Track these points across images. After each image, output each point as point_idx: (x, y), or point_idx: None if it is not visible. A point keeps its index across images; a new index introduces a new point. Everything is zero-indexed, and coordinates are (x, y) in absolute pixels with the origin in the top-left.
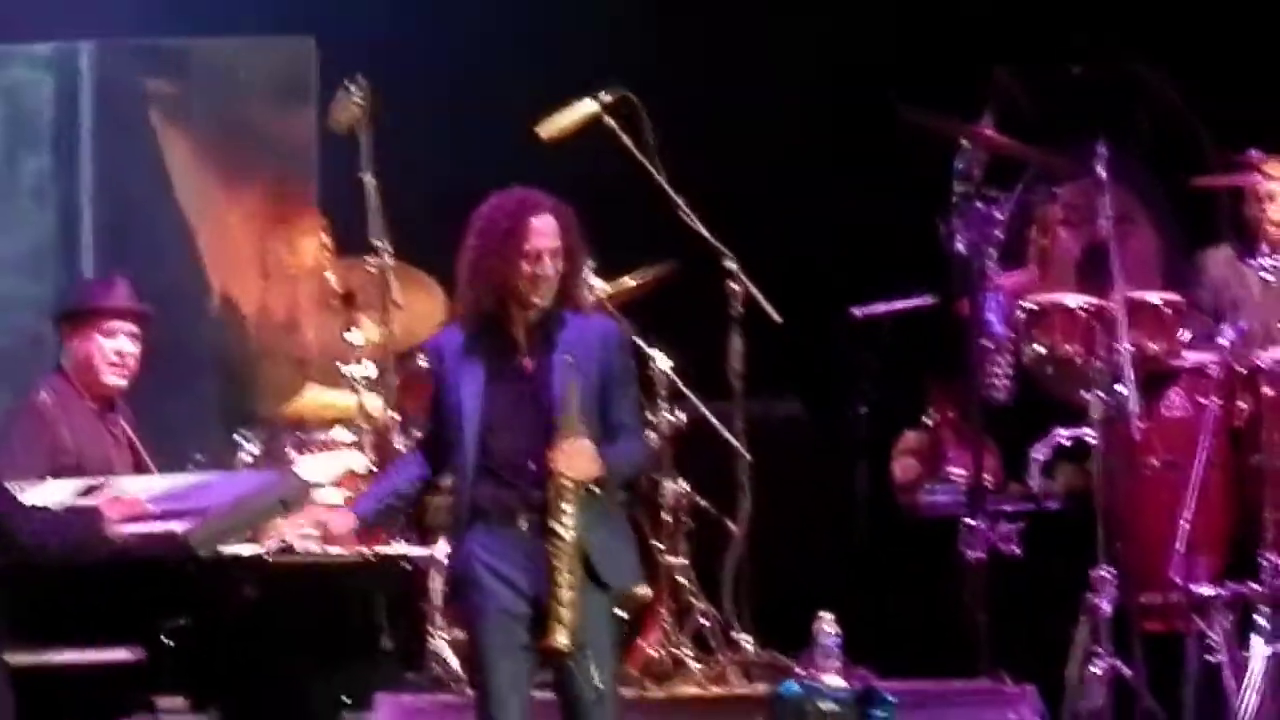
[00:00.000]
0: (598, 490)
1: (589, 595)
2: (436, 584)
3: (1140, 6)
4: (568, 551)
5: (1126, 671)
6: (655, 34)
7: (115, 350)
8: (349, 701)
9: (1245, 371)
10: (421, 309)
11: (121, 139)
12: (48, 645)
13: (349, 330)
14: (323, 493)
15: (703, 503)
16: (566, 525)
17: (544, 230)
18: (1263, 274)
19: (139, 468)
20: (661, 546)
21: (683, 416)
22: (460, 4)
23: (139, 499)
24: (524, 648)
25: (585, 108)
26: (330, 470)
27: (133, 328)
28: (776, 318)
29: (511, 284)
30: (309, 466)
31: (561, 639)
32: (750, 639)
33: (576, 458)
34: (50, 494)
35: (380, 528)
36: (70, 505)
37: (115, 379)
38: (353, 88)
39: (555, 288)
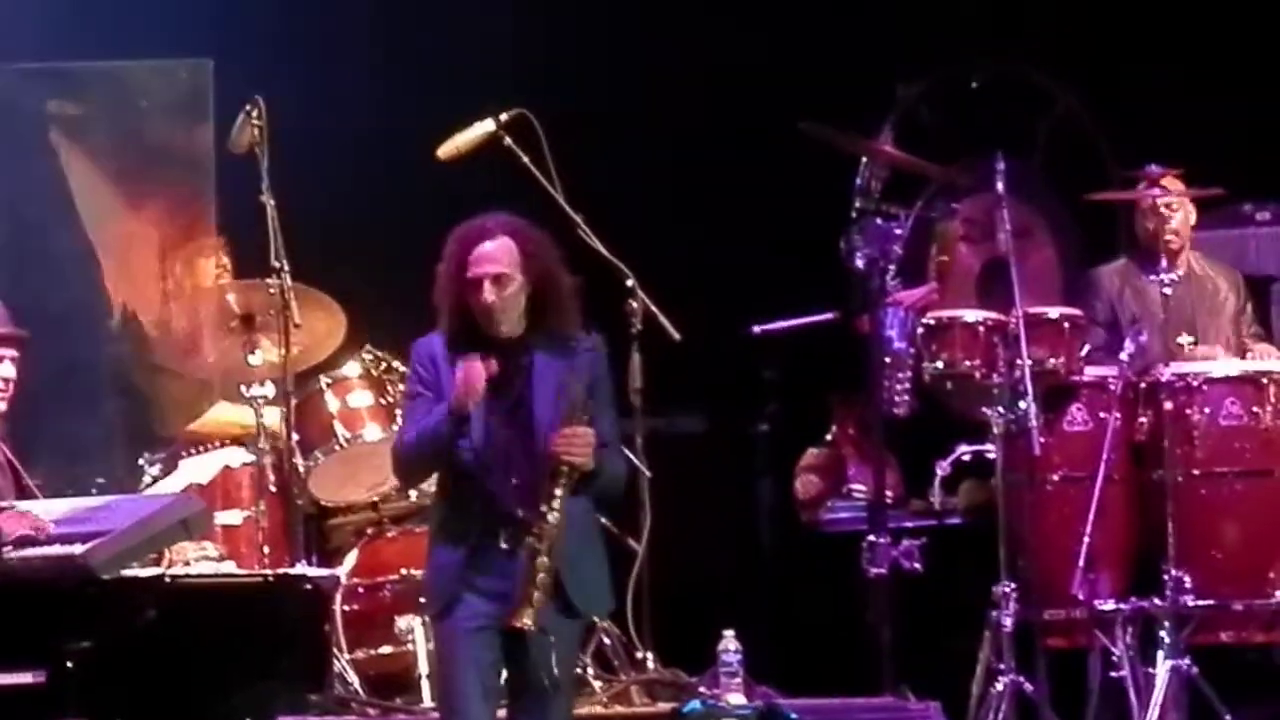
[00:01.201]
0: (581, 480)
1: (560, 619)
2: (339, 605)
3: (1039, 20)
4: (550, 534)
5: (1029, 687)
6: (552, 51)
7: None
8: None
9: (1146, 386)
10: (321, 329)
11: (21, 160)
12: None
13: (249, 351)
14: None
15: (603, 520)
16: (554, 508)
17: (486, 257)
18: (1163, 289)
19: (22, 492)
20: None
21: None
22: (357, 26)
23: (36, 515)
24: (495, 664)
25: (483, 127)
26: (209, 468)
27: (13, 352)
28: (676, 335)
29: (461, 312)
30: (189, 467)
31: (528, 619)
32: (653, 657)
33: (577, 442)
34: None
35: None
36: None
37: None
38: (251, 110)
39: (516, 312)
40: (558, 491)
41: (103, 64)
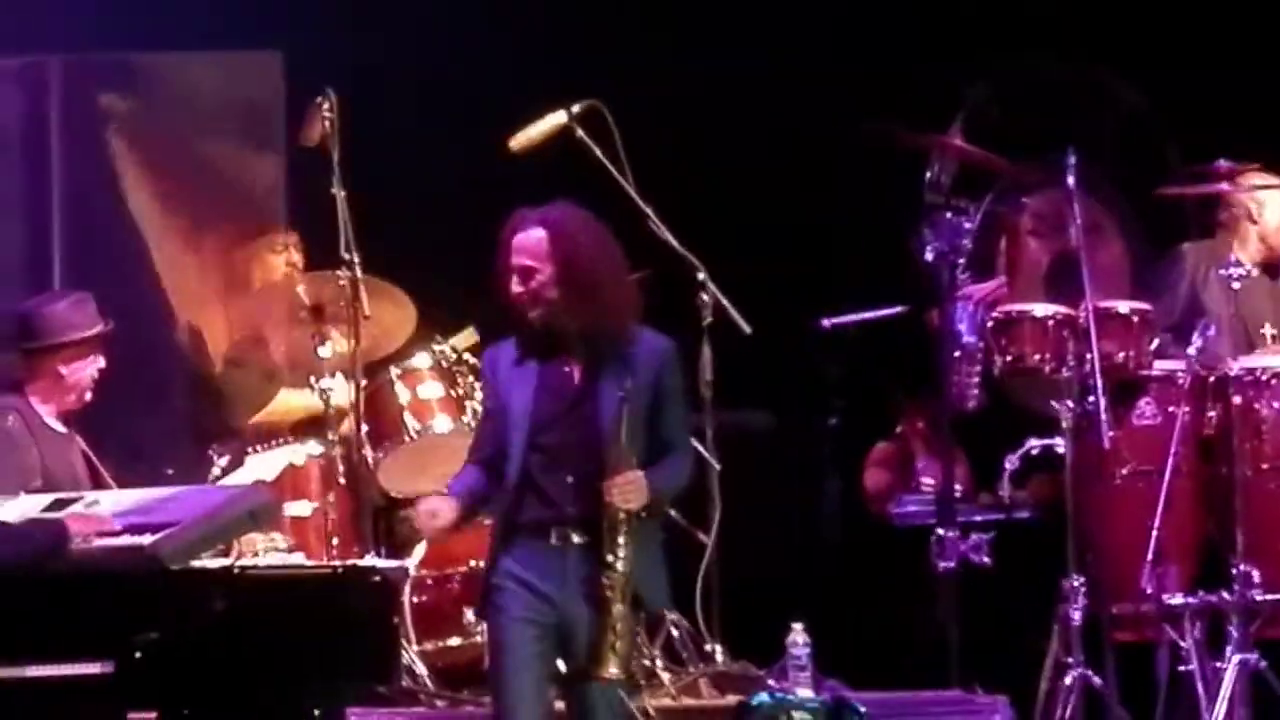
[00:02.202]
0: (644, 516)
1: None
2: (408, 597)
3: (1108, 16)
4: (620, 583)
5: (1097, 681)
6: (623, 43)
7: (98, 371)
8: (319, 715)
9: (1214, 380)
10: (390, 321)
11: (90, 154)
12: (17, 659)
13: (319, 343)
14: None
15: (673, 513)
16: (620, 556)
17: (521, 247)
18: (1233, 283)
19: (98, 485)
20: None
21: None
22: (429, 17)
23: (105, 515)
24: (545, 659)
25: (555, 119)
26: (274, 465)
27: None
28: (746, 328)
29: (509, 302)
30: (254, 463)
31: (614, 669)
32: (722, 650)
33: (630, 489)
34: (17, 509)
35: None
36: (33, 518)
37: (87, 398)
38: (322, 102)
39: (550, 305)
40: (620, 540)
41: (170, 55)
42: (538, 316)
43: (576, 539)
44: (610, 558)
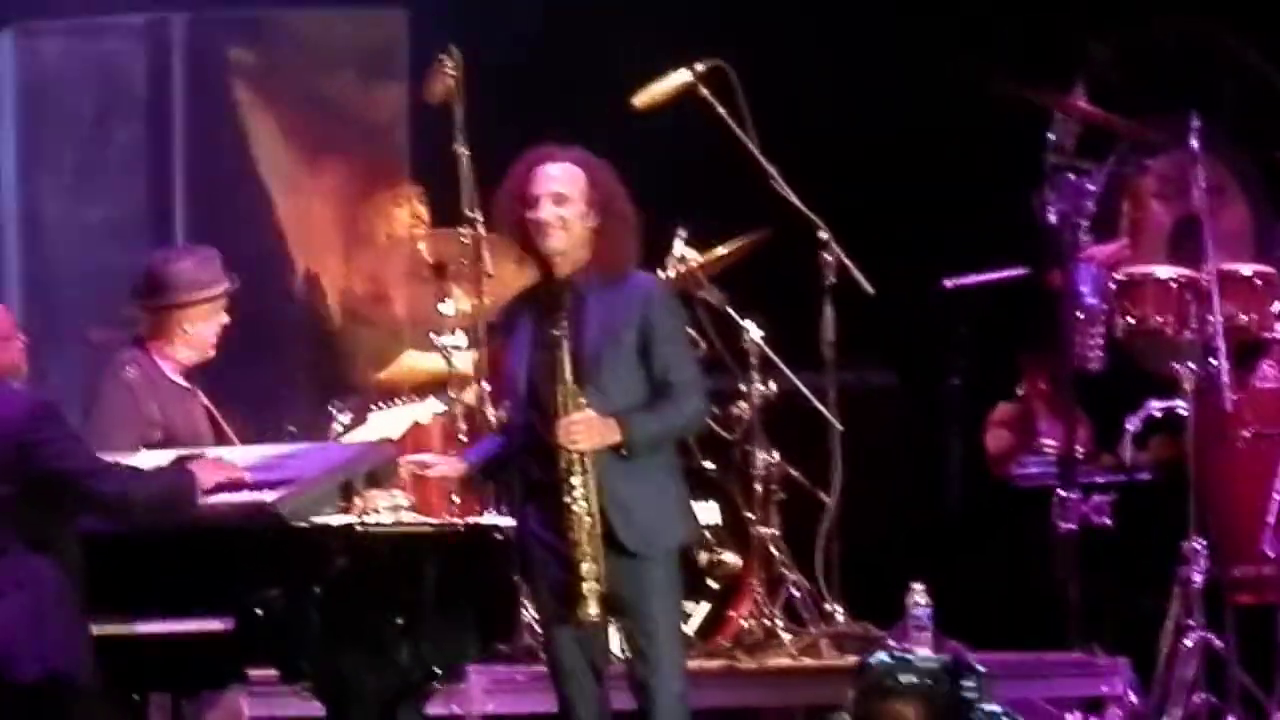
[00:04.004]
0: (624, 454)
1: (617, 561)
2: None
3: None
4: (579, 524)
5: (1218, 644)
6: (749, 4)
7: (221, 327)
8: (440, 672)
9: None
10: (512, 279)
11: (213, 110)
12: (138, 615)
13: (441, 300)
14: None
15: (794, 473)
16: (575, 497)
17: (546, 176)
18: None
19: (221, 440)
20: (753, 517)
21: (774, 387)
22: None
23: (234, 463)
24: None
25: (679, 77)
26: (399, 423)
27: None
28: (869, 288)
29: (521, 233)
30: (378, 421)
31: (587, 610)
32: (842, 610)
33: (577, 429)
34: (144, 462)
35: (483, 482)
36: (160, 467)
37: (210, 354)
38: (446, 59)
39: (572, 237)
40: (574, 480)
41: (294, 11)
42: (556, 245)
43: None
44: (566, 499)
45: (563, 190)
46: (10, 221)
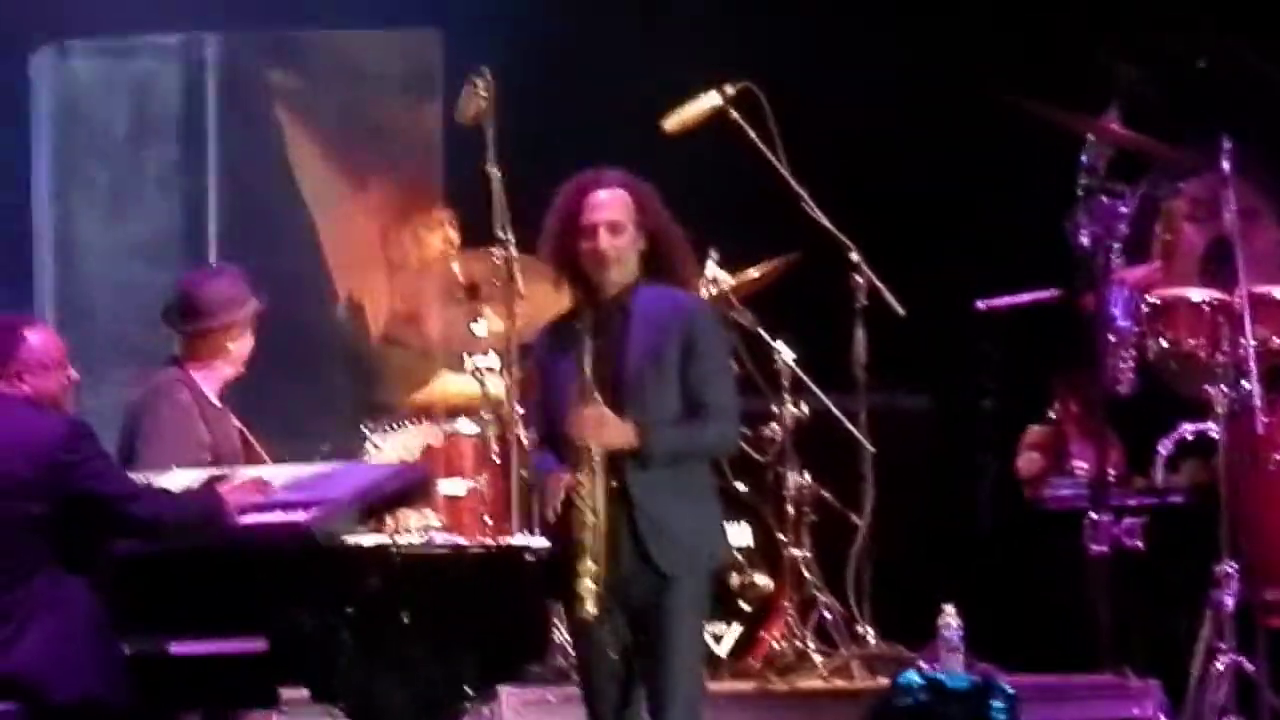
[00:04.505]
0: (634, 459)
1: (647, 579)
2: None
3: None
4: (580, 521)
5: (1250, 667)
6: (779, 26)
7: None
8: (472, 693)
9: None
10: (545, 299)
11: (246, 129)
12: (172, 635)
13: (474, 321)
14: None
15: (826, 495)
16: (581, 495)
17: (600, 204)
18: None
19: (252, 459)
20: (785, 539)
21: (806, 409)
22: None
23: (263, 481)
24: (613, 627)
25: (709, 100)
26: (411, 445)
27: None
28: (900, 310)
29: (576, 262)
30: (390, 443)
31: (585, 609)
32: (873, 631)
33: (591, 424)
34: (176, 483)
35: None
36: (190, 489)
37: (241, 373)
38: (478, 81)
39: (626, 265)
40: (582, 477)
41: (328, 32)
42: (615, 274)
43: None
44: (573, 496)
45: (617, 218)
46: (44, 240)
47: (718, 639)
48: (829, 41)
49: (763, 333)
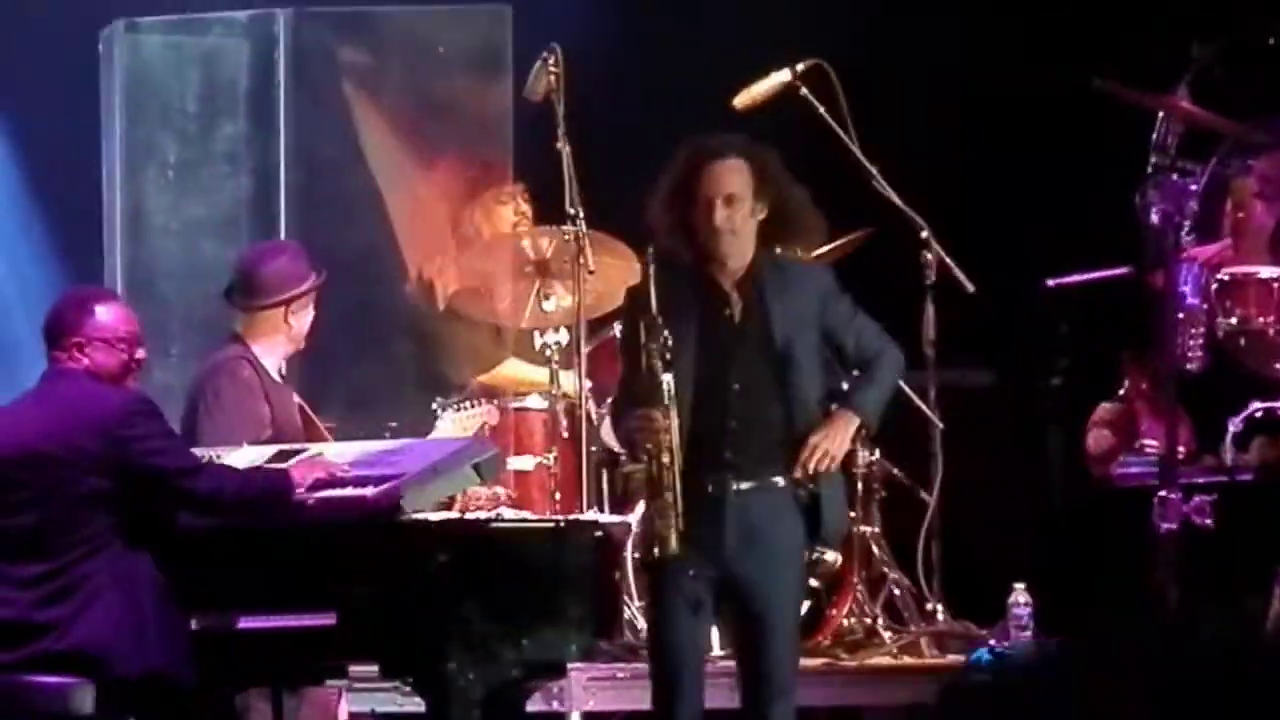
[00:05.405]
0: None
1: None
2: (630, 552)
3: None
4: (661, 459)
5: None
6: (850, 2)
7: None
8: (541, 669)
9: None
10: (615, 276)
11: (316, 105)
12: (240, 610)
13: (544, 297)
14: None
15: (896, 472)
16: (660, 430)
17: (718, 177)
18: None
19: (313, 436)
20: (855, 515)
21: None
22: None
23: (332, 460)
24: (701, 608)
25: (780, 77)
26: (468, 425)
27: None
28: (970, 287)
29: (692, 235)
30: (448, 421)
31: (674, 545)
32: (943, 609)
33: (822, 453)
34: (244, 459)
35: None
36: (259, 466)
37: (301, 348)
38: (548, 57)
39: (746, 239)
40: (656, 414)
41: (398, 8)
42: (733, 250)
43: (735, 486)
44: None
45: (734, 191)
46: (114, 217)
47: None
48: (899, 18)
49: None
